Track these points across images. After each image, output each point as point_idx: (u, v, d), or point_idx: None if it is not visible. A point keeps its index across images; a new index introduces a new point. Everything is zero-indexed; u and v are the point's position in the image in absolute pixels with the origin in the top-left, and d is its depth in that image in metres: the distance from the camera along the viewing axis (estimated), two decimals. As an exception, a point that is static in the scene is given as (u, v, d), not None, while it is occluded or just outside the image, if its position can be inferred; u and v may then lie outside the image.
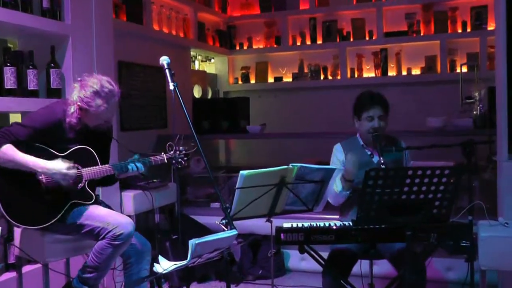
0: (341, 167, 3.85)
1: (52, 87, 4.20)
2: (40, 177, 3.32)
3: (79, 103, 3.39)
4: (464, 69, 6.96)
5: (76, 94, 3.42)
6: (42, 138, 3.36)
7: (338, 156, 3.97)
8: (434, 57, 7.67)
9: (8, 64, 3.91)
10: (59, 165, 3.27)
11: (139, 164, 3.54)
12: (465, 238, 3.22)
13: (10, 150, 3.22)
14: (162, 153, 3.59)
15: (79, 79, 3.49)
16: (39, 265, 3.64)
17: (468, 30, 7.52)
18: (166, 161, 3.58)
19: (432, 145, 3.61)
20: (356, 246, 3.63)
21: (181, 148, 3.57)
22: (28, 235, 3.56)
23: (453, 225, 3.20)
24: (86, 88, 3.38)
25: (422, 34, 7.75)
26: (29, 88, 4.08)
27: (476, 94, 5.78)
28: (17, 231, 3.64)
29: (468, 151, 3.30)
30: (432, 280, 4.75)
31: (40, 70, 4.17)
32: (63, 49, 4.40)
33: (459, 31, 7.57)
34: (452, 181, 3.02)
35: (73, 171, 3.32)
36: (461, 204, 3.72)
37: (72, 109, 3.42)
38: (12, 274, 3.88)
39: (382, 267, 4.74)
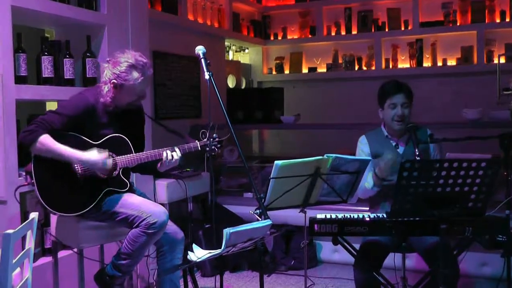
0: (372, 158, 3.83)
1: (87, 76, 4.23)
2: (76, 166, 3.36)
3: (114, 80, 3.38)
4: (502, 60, 6.85)
5: (109, 72, 3.42)
6: (76, 125, 3.38)
7: (362, 149, 3.94)
8: (471, 47, 7.55)
9: (46, 54, 3.96)
10: (94, 156, 3.29)
11: (174, 153, 3.52)
12: (502, 233, 3.17)
13: (47, 141, 3.25)
14: (196, 141, 3.59)
15: (107, 59, 3.51)
16: (74, 250, 3.69)
17: (507, 20, 7.36)
18: (199, 148, 3.56)
19: (468, 137, 3.56)
20: (387, 238, 3.60)
21: (214, 135, 3.55)
22: (63, 221, 3.60)
23: (489, 219, 3.15)
24: (120, 64, 3.38)
25: (458, 24, 7.63)
26: (65, 77, 4.13)
27: (515, 85, 5.69)
28: (53, 217, 3.70)
29: (506, 143, 3.24)
30: (466, 275, 4.71)
31: (76, 59, 4.21)
32: (99, 38, 4.43)
33: (497, 21, 7.43)
34: (488, 174, 2.97)
35: (109, 161, 3.35)
36: (498, 198, 3.66)
37: (106, 88, 3.42)
38: (48, 259, 3.94)
39: (415, 260, 4.71)
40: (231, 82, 7.99)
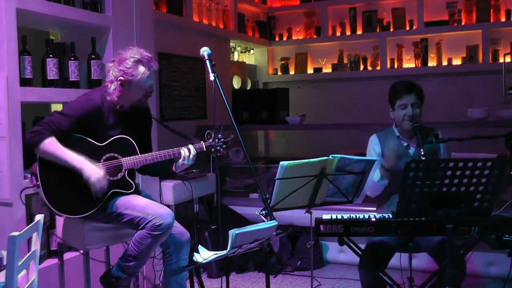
0: (378, 158, 3.82)
1: (92, 78, 4.24)
2: None
3: (121, 77, 3.37)
4: (508, 59, 6.82)
5: (115, 70, 3.41)
6: (83, 126, 3.38)
7: (374, 148, 3.94)
8: (476, 46, 7.53)
9: (51, 56, 3.97)
10: (95, 172, 3.27)
11: (185, 149, 3.49)
12: (508, 232, 3.16)
13: (52, 144, 3.25)
14: (201, 142, 3.58)
15: (112, 59, 3.50)
16: (80, 252, 3.69)
17: (513, 19, 7.36)
18: (205, 149, 3.55)
19: (474, 136, 3.54)
20: (393, 238, 3.59)
21: (219, 136, 3.54)
22: (69, 223, 3.61)
23: (496, 219, 3.14)
24: (126, 61, 3.38)
25: (463, 24, 7.62)
26: (70, 79, 4.13)
27: (521, 84, 5.67)
28: (59, 219, 3.70)
29: (511, 142, 3.23)
30: (473, 275, 4.69)
31: (81, 62, 4.22)
32: (104, 40, 4.44)
33: (503, 20, 7.41)
34: (494, 173, 2.96)
35: (104, 183, 3.31)
36: (504, 197, 3.66)
37: (112, 86, 3.41)
38: (54, 261, 3.95)
39: (422, 260, 4.69)
40: (236, 83, 8.00)
